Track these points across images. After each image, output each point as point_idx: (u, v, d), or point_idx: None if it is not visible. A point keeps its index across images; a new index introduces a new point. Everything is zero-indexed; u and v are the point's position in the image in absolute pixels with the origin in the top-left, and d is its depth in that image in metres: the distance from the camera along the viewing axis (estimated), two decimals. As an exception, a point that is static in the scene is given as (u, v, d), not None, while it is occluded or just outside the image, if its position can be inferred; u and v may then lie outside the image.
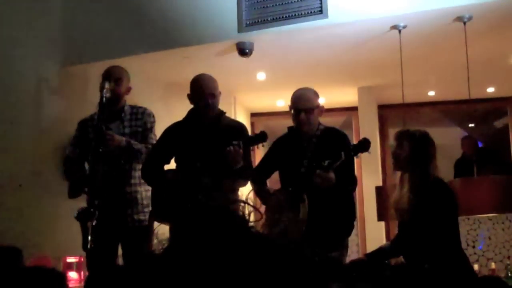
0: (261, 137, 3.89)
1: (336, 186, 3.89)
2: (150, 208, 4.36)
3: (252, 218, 1.00)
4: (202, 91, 4.15)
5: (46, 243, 5.01)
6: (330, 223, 4.02)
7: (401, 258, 4.02)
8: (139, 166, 4.35)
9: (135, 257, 4.21)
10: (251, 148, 4.02)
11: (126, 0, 5.56)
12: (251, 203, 1.02)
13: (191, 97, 4.23)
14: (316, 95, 4.26)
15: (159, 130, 4.46)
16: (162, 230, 1.03)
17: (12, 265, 3.13)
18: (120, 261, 4.35)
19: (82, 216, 4.01)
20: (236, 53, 5.40)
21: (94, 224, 3.99)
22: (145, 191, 4.37)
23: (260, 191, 4.30)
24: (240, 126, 4.32)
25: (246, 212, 0.98)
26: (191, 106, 4.30)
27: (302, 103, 4.17)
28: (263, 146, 4.00)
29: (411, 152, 3.71)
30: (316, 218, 3.92)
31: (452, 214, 3.70)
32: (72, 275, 4.83)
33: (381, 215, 5.66)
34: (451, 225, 3.69)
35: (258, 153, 4.37)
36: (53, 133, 5.34)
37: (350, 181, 4.12)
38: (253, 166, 4.33)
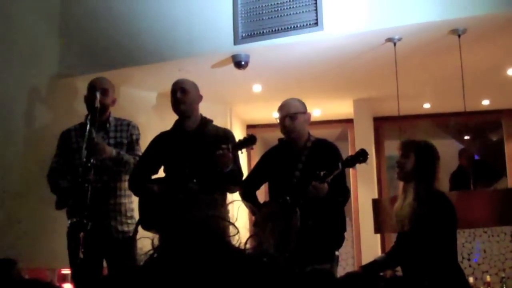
0: (250, 140, 3.91)
1: (328, 197, 3.89)
2: (134, 220, 4.37)
3: (232, 232, 1.00)
4: (172, 88, 4.21)
5: (41, 255, 5.00)
6: (320, 235, 4.01)
7: (397, 270, 4.01)
8: (125, 178, 4.36)
9: (119, 268, 4.20)
10: (241, 152, 4.02)
11: (121, 13, 5.57)
12: (229, 217, 1.03)
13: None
14: (301, 103, 4.28)
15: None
16: (147, 241, 1.03)
17: (5, 276, 3.11)
18: (106, 272, 4.35)
19: (75, 227, 4.01)
20: (232, 65, 5.41)
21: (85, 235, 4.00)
22: (129, 203, 4.40)
23: (249, 202, 4.30)
24: (226, 133, 4.34)
25: (226, 226, 0.99)
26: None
27: (286, 109, 4.21)
28: (252, 149, 4.00)
29: (417, 163, 3.71)
30: (307, 230, 3.92)
31: (451, 228, 3.70)
32: (67, 287, 4.81)
33: (378, 228, 5.66)
34: (450, 239, 3.69)
35: (253, 161, 4.36)
36: (48, 144, 5.33)
37: (342, 192, 4.12)
38: (242, 170, 4.33)
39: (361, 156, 3.89)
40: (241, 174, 4.25)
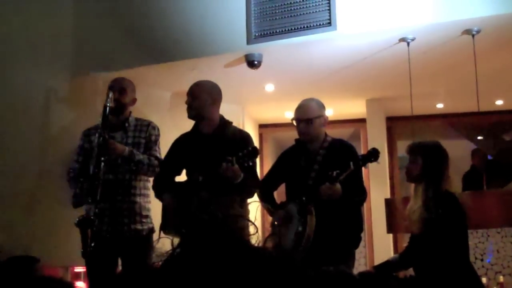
0: (252, 153, 3.88)
1: (343, 198, 3.88)
2: (149, 219, 4.39)
3: (251, 231, 1.01)
4: (188, 95, 4.20)
5: (54, 253, 5.03)
6: (337, 235, 4.00)
7: (409, 271, 4.01)
8: (141, 177, 4.38)
9: (135, 268, 4.20)
10: (246, 164, 3.98)
11: (135, 12, 5.59)
12: (248, 217, 1.04)
13: None
14: (319, 105, 4.23)
15: (166, 141, 4.48)
16: (166, 241, 1.04)
17: (26, 274, 3.14)
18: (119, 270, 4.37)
19: (82, 223, 4.03)
20: (245, 65, 5.42)
21: (94, 231, 4.02)
22: (144, 202, 4.41)
23: (266, 203, 4.30)
24: (243, 136, 4.31)
25: (246, 225, 0.99)
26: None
27: (301, 114, 4.18)
28: (254, 163, 3.99)
29: (424, 164, 3.71)
30: (324, 230, 3.91)
31: (461, 229, 3.69)
32: (80, 285, 4.83)
33: (391, 227, 5.65)
34: (461, 240, 3.68)
35: (267, 163, 4.34)
36: (61, 142, 5.37)
37: (358, 192, 4.10)
38: (256, 175, 4.31)
39: (373, 155, 3.87)
40: (256, 179, 4.23)
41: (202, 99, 4.19)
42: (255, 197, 4.28)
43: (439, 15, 4.72)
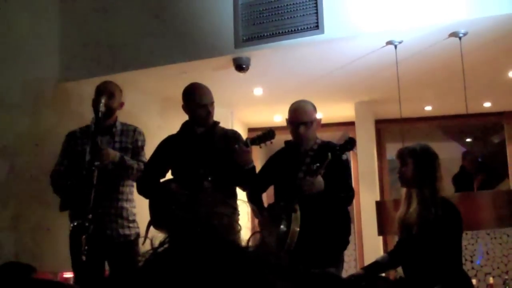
0: (269, 135, 3.91)
1: (327, 193, 3.89)
2: (136, 224, 4.39)
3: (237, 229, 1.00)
4: (201, 100, 4.18)
5: (42, 258, 5.00)
6: (325, 238, 4.00)
7: (399, 273, 4.02)
8: (127, 182, 4.37)
9: (122, 271, 4.21)
10: (260, 146, 4.02)
11: (123, 16, 5.58)
12: (237, 216, 1.03)
13: (188, 107, 4.25)
14: (314, 108, 4.26)
15: (155, 144, 4.48)
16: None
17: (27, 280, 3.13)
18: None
19: (78, 231, 4.01)
20: (233, 69, 5.42)
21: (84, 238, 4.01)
22: (131, 207, 4.42)
23: (254, 205, 4.30)
24: (234, 133, 4.39)
25: (232, 224, 0.99)
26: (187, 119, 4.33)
27: (301, 116, 4.16)
28: (271, 143, 3.99)
29: (415, 168, 3.73)
30: (311, 233, 3.91)
31: (457, 236, 3.71)
32: (69, 290, 4.81)
33: (381, 230, 5.65)
34: (456, 245, 3.70)
35: (257, 166, 4.35)
36: (53, 147, 5.35)
37: (344, 189, 4.09)
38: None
39: (349, 144, 3.93)
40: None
41: (213, 104, 4.22)
42: (244, 197, 4.30)
43: (426, 18, 4.74)
